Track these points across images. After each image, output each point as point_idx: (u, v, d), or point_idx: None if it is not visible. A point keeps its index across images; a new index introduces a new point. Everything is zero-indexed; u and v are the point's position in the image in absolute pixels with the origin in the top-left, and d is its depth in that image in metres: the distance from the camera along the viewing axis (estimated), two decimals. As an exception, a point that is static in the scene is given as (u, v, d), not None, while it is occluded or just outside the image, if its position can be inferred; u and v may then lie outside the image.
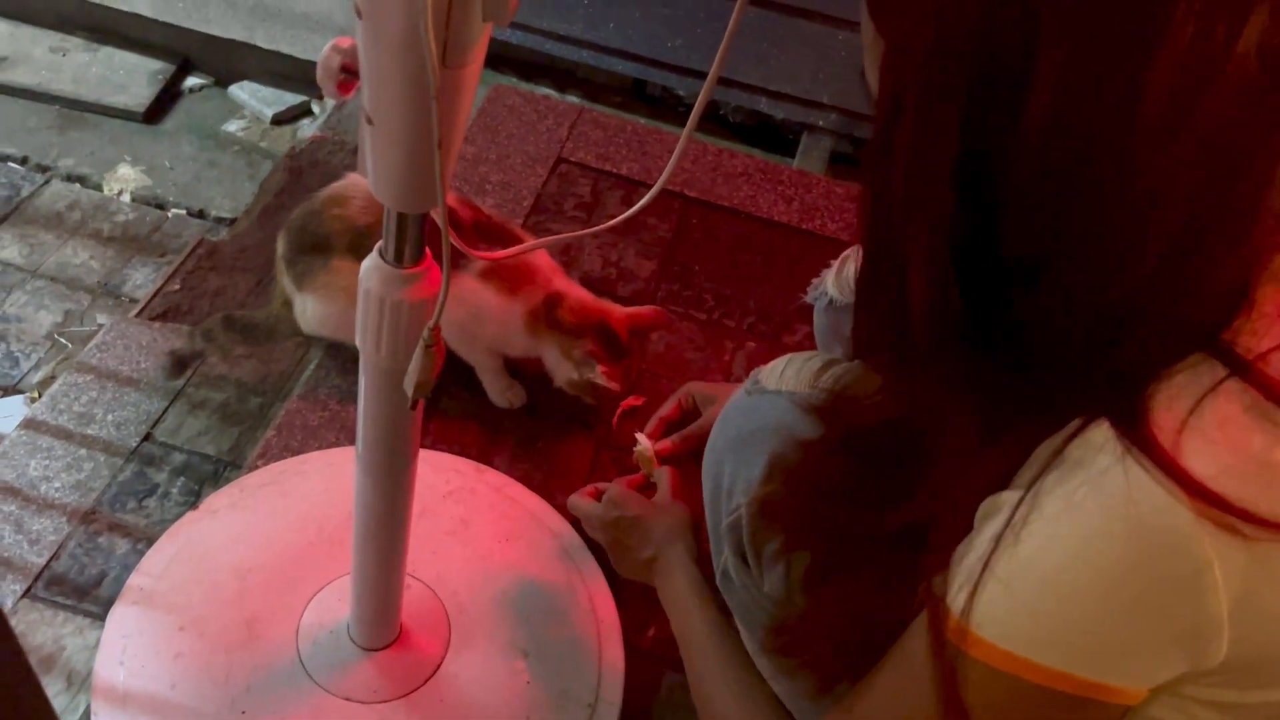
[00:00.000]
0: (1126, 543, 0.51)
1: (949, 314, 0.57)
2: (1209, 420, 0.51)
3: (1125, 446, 0.52)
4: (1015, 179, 0.52)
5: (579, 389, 1.37)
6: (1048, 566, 0.54)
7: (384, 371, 0.84)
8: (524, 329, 1.37)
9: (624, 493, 1.13)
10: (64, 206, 2.05)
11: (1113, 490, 0.51)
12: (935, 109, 0.53)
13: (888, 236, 0.58)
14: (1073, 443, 0.54)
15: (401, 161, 0.70)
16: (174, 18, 2.35)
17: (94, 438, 1.45)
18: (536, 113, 1.97)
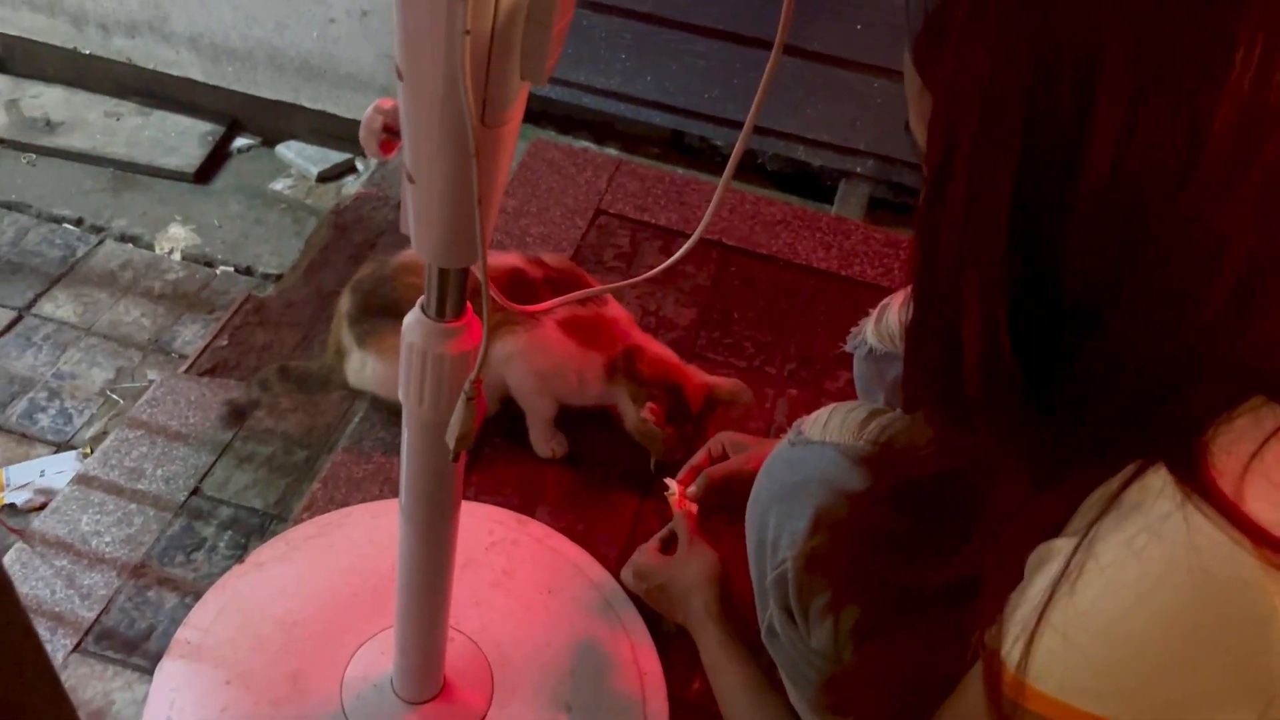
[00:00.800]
0: (1190, 591, 0.50)
1: (1001, 365, 0.56)
2: (1271, 465, 0.50)
3: (1185, 492, 0.51)
4: (1074, 231, 0.52)
5: (642, 437, 1.41)
6: (1107, 616, 0.52)
7: (426, 424, 0.85)
8: (603, 378, 1.41)
9: (645, 563, 1.14)
10: (117, 266, 2.11)
11: (1174, 537, 0.50)
12: (988, 163, 0.53)
13: (940, 289, 0.58)
14: (1130, 488, 0.53)
15: (442, 218, 0.72)
16: (223, 81, 2.42)
17: (144, 492, 1.47)
18: (575, 166, 2.00)
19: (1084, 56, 0.49)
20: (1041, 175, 0.52)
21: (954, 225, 0.55)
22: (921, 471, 0.69)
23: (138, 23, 2.37)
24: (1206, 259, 0.51)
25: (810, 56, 2.02)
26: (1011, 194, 0.53)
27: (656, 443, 1.39)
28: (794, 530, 0.82)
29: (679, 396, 1.38)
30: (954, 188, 0.55)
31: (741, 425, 1.56)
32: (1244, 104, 0.48)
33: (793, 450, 0.87)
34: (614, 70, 2.14)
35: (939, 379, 0.61)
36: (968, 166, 0.54)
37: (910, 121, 0.62)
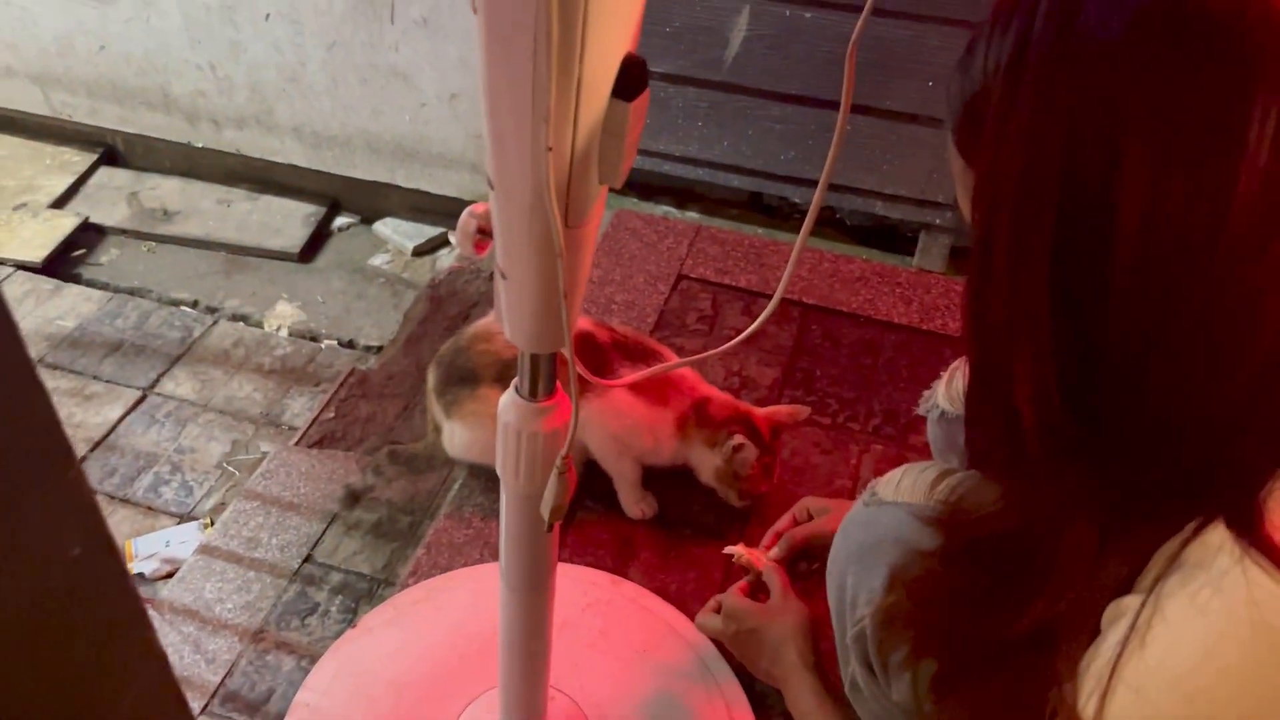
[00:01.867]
0: (1253, 645, 0.52)
1: (1057, 428, 0.59)
2: None
3: (1244, 548, 0.53)
4: (1111, 298, 0.55)
5: (724, 479, 1.44)
6: (1176, 670, 0.54)
7: (523, 496, 0.91)
8: (675, 435, 1.45)
9: (738, 604, 1.15)
10: (230, 344, 2.24)
11: (1234, 592, 0.53)
12: (1027, 236, 0.56)
13: (992, 356, 0.61)
14: (1190, 545, 0.56)
15: (532, 310, 0.78)
16: (324, 165, 2.57)
17: (261, 560, 1.56)
18: (656, 233, 2.07)
19: (1108, 138, 0.53)
20: (1078, 250, 0.55)
21: (999, 298, 0.59)
22: (990, 529, 0.72)
23: (245, 117, 2.54)
24: (1242, 321, 0.53)
25: (884, 115, 2.07)
26: (1049, 268, 0.56)
27: (745, 475, 1.41)
28: (871, 588, 0.85)
29: (751, 428, 1.42)
30: (997, 263, 0.58)
31: (827, 482, 1.59)
32: (1263, 173, 0.51)
33: (867, 511, 0.91)
34: (692, 137, 2.21)
35: (999, 442, 0.64)
36: (1008, 244, 0.57)
37: (958, 197, 0.66)
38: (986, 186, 0.59)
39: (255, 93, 2.49)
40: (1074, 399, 0.58)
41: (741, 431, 1.40)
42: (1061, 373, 0.58)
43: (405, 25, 2.27)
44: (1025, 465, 0.62)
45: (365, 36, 2.31)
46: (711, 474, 1.45)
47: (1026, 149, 0.56)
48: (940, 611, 0.76)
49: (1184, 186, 0.52)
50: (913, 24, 1.97)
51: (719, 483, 1.46)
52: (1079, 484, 0.61)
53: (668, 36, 2.10)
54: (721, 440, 1.41)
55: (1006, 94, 0.57)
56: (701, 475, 1.47)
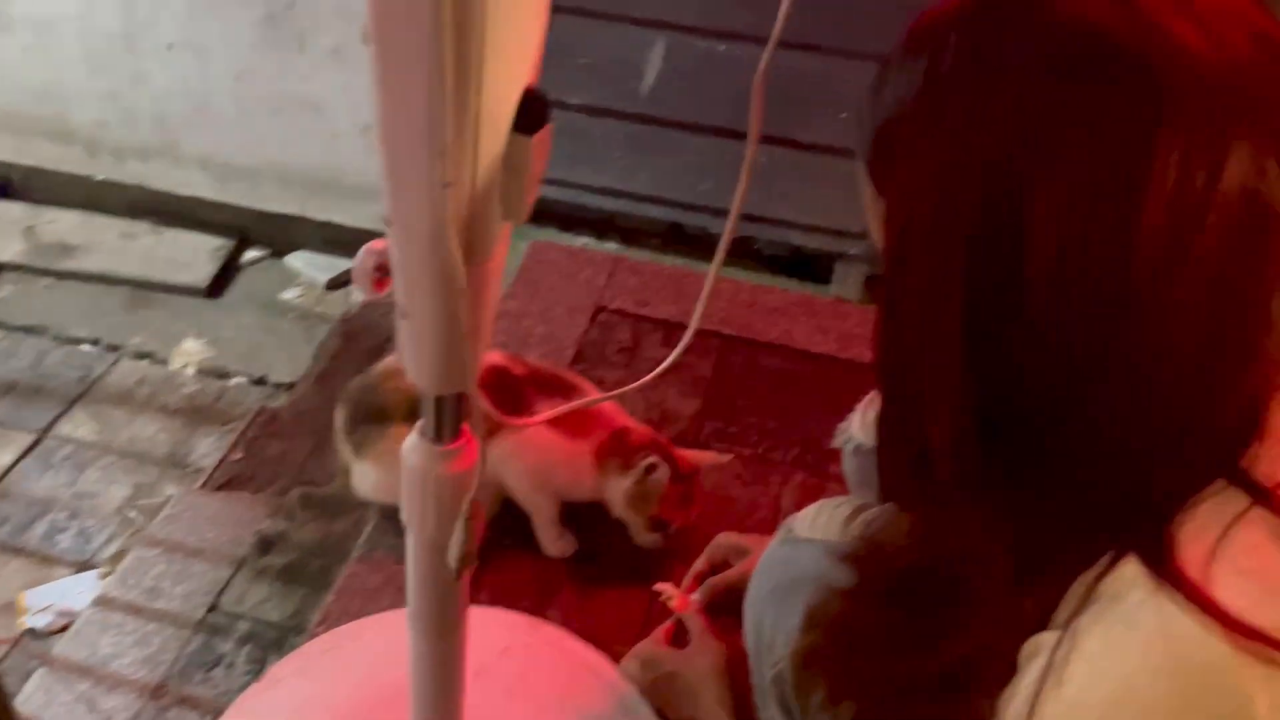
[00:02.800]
0: (1169, 680, 0.51)
1: (971, 459, 0.58)
2: (1237, 550, 0.52)
3: (1156, 582, 0.52)
4: (1023, 329, 0.54)
5: (635, 503, 1.38)
6: (1094, 708, 0.54)
7: (430, 544, 0.88)
8: (593, 467, 1.41)
9: (653, 650, 1.12)
10: (133, 383, 2.16)
11: (1149, 627, 0.52)
12: (939, 265, 0.56)
13: (904, 387, 0.60)
14: (1105, 579, 0.55)
15: (434, 349, 0.75)
16: (232, 198, 2.50)
17: (162, 610, 1.49)
18: (575, 264, 2.05)
19: (1018, 169, 0.53)
20: (990, 280, 0.54)
21: (912, 327, 0.58)
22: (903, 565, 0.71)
23: (149, 148, 2.46)
24: (1152, 353, 0.53)
25: (798, 146, 2.08)
26: (962, 297, 0.55)
27: (654, 497, 1.36)
28: (789, 629, 0.84)
29: (668, 457, 1.38)
30: (909, 292, 0.57)
31: (749, 513, 1.58)
32: (1168, 202, 0.51)
33: (784, 549, 0.89)
34: (610, 168, 2.20)
35: (912, 472, 0.63)
36: (921, 273, 0.57)
37: (869, 224, 0.65)
38: (898, 215, 0.58)
39: (159, 123, 2.41)
40: (987, 430, 0.57)
41: (659, 455, 1.37)
42: (974, 403, 0.57)
43: (316, 55, 2.22)
44: (937, 497, 0.61)
45: (275, 66, 2.26)
46: (622, 498, 1.39)
47: (938, 179, 0.56)
48: (856, 651, 0.75)
49: (1092, 218, 0.52)
50: (825, 57, 1.99)
51: (629, 509, 1.40)
52: (992, 516, 0.60)
53: (584, 69, 2.09)
54: (636, 463, 1.36)
55: (917, 123, 0.57)
56: (614, 508, 1.42)
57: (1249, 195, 0.51)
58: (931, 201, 0.56)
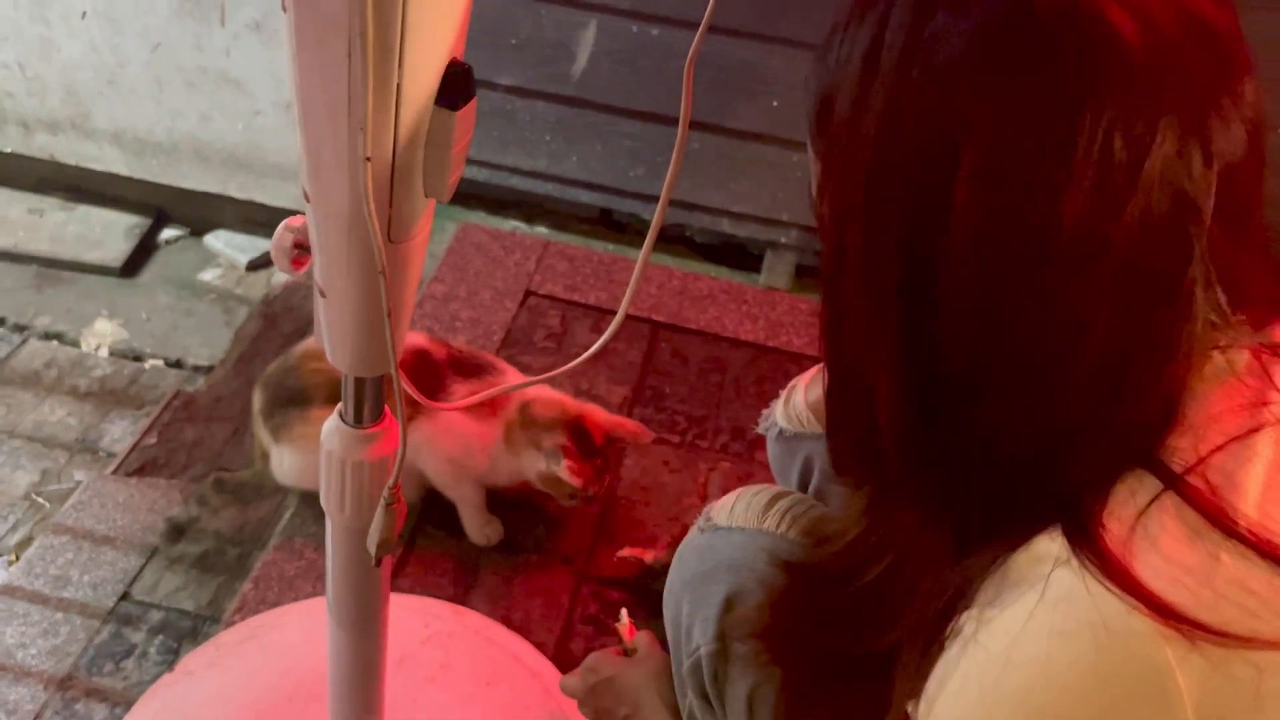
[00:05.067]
0: (1093, 654, 0.52)
1: (914, 434, 0.58)
2: (1154, 532, 0.53)
3: (1081, 560, 0.53)
4: (947, 302, 0.55)
5: (548, 483, 1.37)
6: (1016, 683, 0.54)
7: (349, 530, 0.85)
8: (504, 445, 1.38)
9: (599, 656, 1.09)
10: (41, 365, 2.08)
11: (1070, 600, 0.52)
12: (878, 239, 0.56)
13: (850, 355, 0.60)
14: (1015, 557, 0.56)
15: (354, 330, 0.73)
16: (148, 174, 2.42)
17: (70, 600, 1.44)
18: (503, 248, 2.02)
19: (950, 142, 0.53)
20: (922, 255, 0.54)
21: (853, 300, 0.58)
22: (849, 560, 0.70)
23: (59, 120, 2.37)
24: (1068, 337, 0.53)
25: (730, 133, 2.08)
26: (899, 263, 0.55)
27: (565, 485, 1.35)
28: (706, 617, 0.83)
29: (580, 431, 1.35)
30: (849, 260, 0.57)
31: (676, 500, 1.58)
32: (1090, 189, 0.51)
33: (702, 537, 0.89)
34: (540, 152, 2.18)
35: (859, 449, 0.63)
36: (861, 240, 0.56)
37: (813, 190, 0.64)
38: (836, 182, 0.58)
39: (70, 95, 2.32)
40: (925, 407, 0.58)
41: (567, 434, 1.34)
42: (911, 380, 0.57)
43: (236, 29, 2.16)
44: (883, 472, 0.61)
45: (193, 39, 2.18)
46: (534, 475, 1.37)
47: (874, 149, 0.55)
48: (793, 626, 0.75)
49: (1016, 198, 0.52)
50: (759, 44, 1.99)
51: (541, 484, 1.38)
52: (932, 494, 0.61)
53: (514, 48, 2.06)
54: (546, 448, 1.33)
55: (858, 90, 0.56)
56: (530, 478, 1.39)
57: (1169, 181, 0.52)
58: (868, 170, 0.55)
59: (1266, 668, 0.51)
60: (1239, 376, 0.56)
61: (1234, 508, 0.53)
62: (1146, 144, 0.51)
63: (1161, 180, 0.51)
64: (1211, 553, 0.52)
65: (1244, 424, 0.55)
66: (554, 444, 1.33)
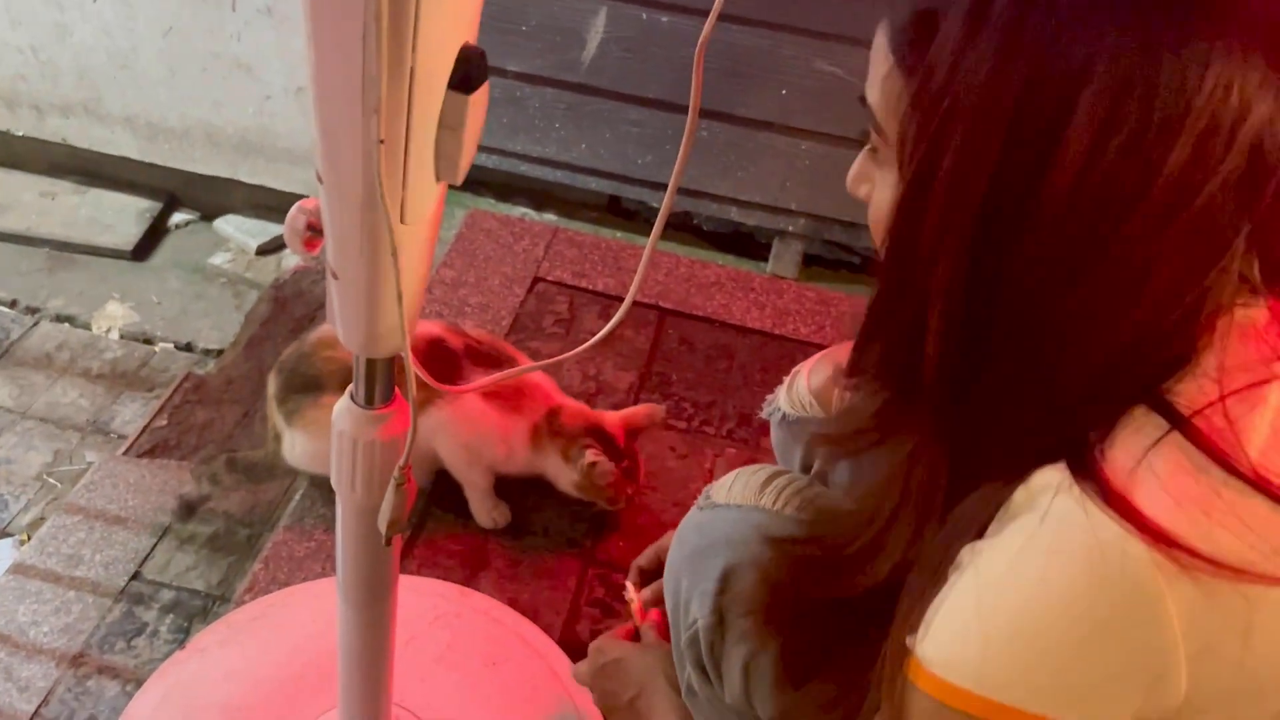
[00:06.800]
0: (1087, 574, 0.54)
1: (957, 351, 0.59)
2: (1158, 466, 0.54)
3: (1081, 486, 0.54)
4: (1029, 232, 0.55)
5: (585, 489, 1.40)
6: (1011, 600, 0.56)
7: (360, 510, 0.87)
8: (528, 444, 1.41)
9: (607, 639, 1.10)
10: (53, 347, 2.09)
11: (1068, 522, 0.54)
12: (971, 163, 0.56)
13: (911, 268, 0.60)
14: (1019, 492, 0.57)
15: (366, 312, 0.74)
16: (160, 158, 2.43)
17: (82, 579, 1.46)
18: (512, 234, 2.03)
19: (1070, 78, 0.53)
20: (1013, 181, 0.55)
21: (934, 210, 0.57)
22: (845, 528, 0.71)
23: (71, 104, 2.38)
24: (1132, 284, 0.55)
25: (739, 121, 2.08)
26: (985, 189, 0.55)
27: (605, 486, 1.39)
28: (704, 591, 0.85)
29: (604, 437, 1.39)
30: (938, 180, 0.57)
31: (683, 486, 1.59)
32: (1193, 149, 0.52)
33: (701, 514, 0.91)
34: (549, 139, 2.18)
35: (893, 352, 0.64)
36: (954, 160, 0.56)
37: (869, 96, 0.64)
38: (934, 100, 0.57)
39: (83, 79, 2.33)
40: (977, 329, 0.58)
41: (594, 443, 1.38)
42: (973, 301, 0.58)
43: (248, 14, 2.16)
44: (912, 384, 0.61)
45: (205, 23, 2.19)
46: (571, 486, 1.42)
47: (986, 73, 0.55)
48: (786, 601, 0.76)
49: (1123, 144, 0.53)
50: (769, 32, 1.99)
51: (580, 494, 1.43)
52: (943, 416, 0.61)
53: (524, 35, 2.07)
54: (575, 455, 1.38)
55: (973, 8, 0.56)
56: (559, 485, 1.44)
57: (1257, 142, 0.53)
58: (978, 93, 0.55)
59: (1257, 601, 0.53)
60: (1258, 330, 0.58)
61: (1238, 449, 0.54)
62: (1251, 102, 0.52)
63: (1253, 140, 0.53)
64: (1211, 488, 0.54)
65: (1258, 374, 0.57)
66: (586, 458, 1.36)
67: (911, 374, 0.61)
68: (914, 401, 0.63)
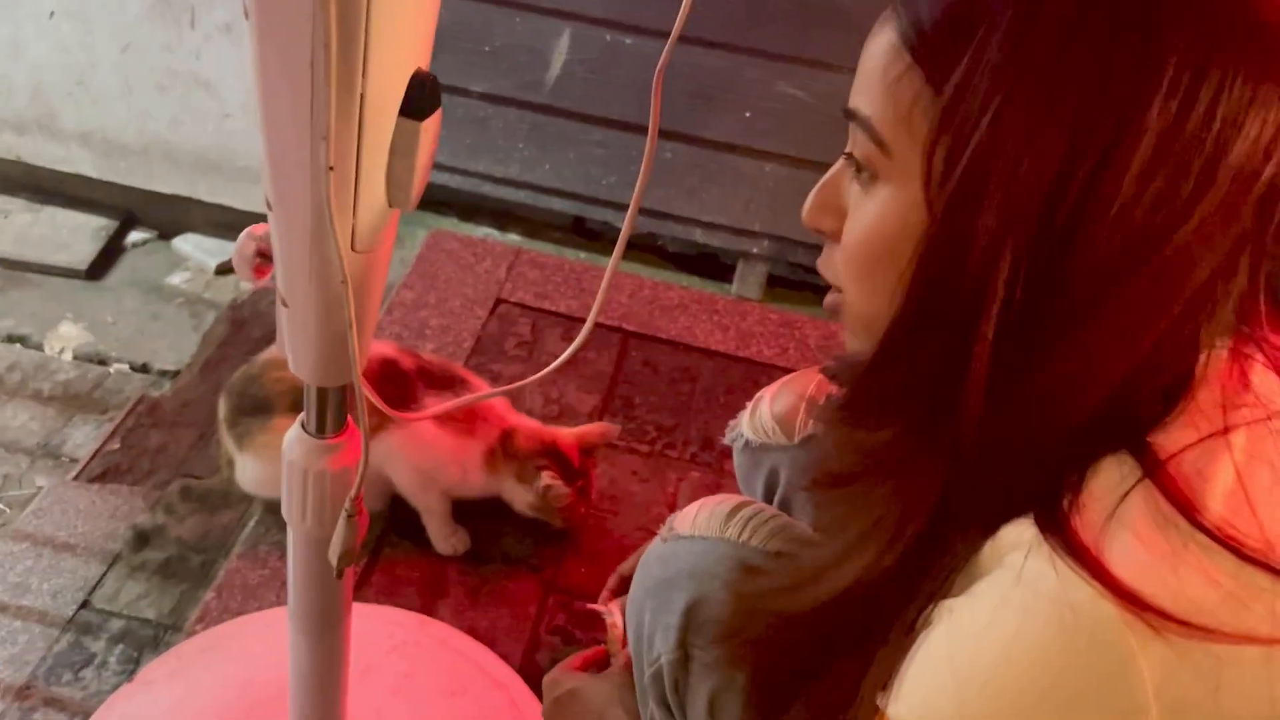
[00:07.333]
0: (1060, 635, 0.52)
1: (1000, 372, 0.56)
2: (1128, 521, 0.53)
3: (1051, 545, 0.53)
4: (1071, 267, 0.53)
5: (540, 510, 1.41)
6: (983, 660, 0.54)
7: (310, 540, 0.85)
8: (483, 467, 1.40)
9: (559, 671, 1.06)
10: (3, 368, 2.05)
11: (1044, 584, 0.53)
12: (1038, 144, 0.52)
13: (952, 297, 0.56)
14: (987, 548, 0.56)
15: (317, 341, 0.72)
16: (116, 176, 2.39)
17: (29, 608, 1.42)
18: (474, 255, 2.02)
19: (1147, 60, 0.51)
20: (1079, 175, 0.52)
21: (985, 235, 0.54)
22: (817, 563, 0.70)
23: (25, 121, 2.34)
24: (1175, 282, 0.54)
25: (703, 143, 2.09)
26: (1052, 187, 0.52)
27: (559, 508, 1.39)
28: (667, 625, 0.83)
29: (559, 457, 1.39)
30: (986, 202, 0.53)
31: (645, 509, 1.57)
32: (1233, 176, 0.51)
33: (665, 546, 0.89)
34: (513, 159, 2.17)
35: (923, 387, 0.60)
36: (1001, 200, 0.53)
37: (862, 105, 0.59)
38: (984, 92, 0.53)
39: (37, 95, 2.29)
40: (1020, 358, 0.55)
41: (549, 464, 1.37)
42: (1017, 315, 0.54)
43: (208, 31, 2.14)
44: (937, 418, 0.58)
45: (163, 40, 2.16)
46: (526, 507, 1.42)
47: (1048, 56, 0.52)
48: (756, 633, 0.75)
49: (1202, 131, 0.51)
50: (732, 55, 2.00)
51: (534, 513, 1.43)
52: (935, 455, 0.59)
53: (488, 55, 2.06)
54: (530, 476, 1.37)
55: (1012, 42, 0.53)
56: (515, 506, 1.43)
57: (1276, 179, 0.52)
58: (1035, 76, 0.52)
59: (1226, 659, 0.52)
60: (1223, 372, 0.57)
61: (1202, 502, 0.53)
62: None
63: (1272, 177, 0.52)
64: (1181, 543, 0.53)
65: (1215, 420, 0.56)
66: (542, 481, 1.36)
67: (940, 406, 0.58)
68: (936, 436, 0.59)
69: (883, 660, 0.61)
